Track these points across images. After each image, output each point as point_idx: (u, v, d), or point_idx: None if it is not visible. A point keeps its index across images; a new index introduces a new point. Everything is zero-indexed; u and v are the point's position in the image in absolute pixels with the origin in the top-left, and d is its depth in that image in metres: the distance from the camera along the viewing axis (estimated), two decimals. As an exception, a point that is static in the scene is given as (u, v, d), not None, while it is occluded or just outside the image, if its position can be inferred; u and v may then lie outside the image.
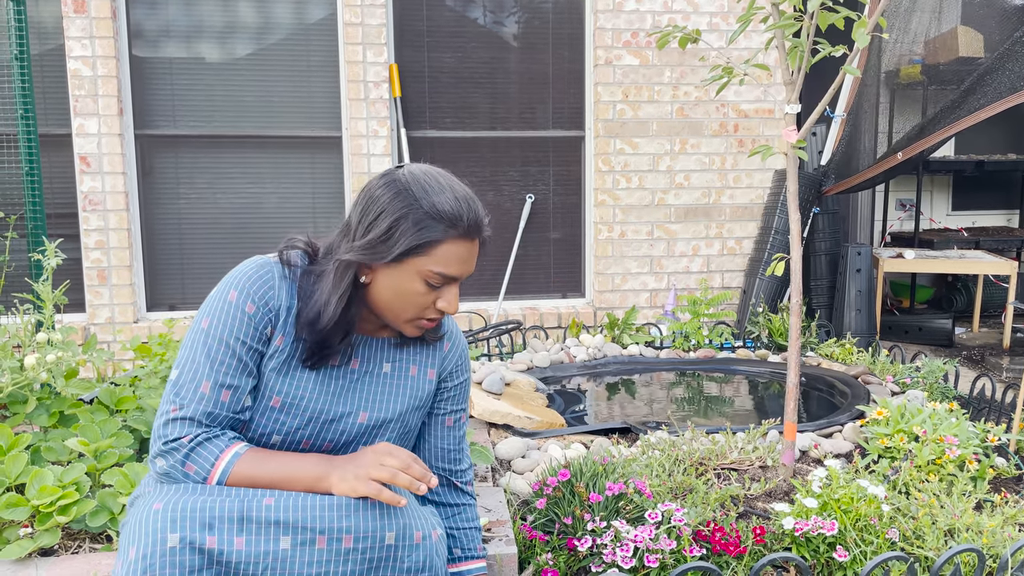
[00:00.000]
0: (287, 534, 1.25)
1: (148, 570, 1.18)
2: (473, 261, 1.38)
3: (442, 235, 1.32)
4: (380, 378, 1.47)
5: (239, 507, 1.24)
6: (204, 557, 1.21)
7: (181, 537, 1.20)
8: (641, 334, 4.19)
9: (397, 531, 1.31)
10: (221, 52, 4.30)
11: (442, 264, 1.34)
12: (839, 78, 2.23)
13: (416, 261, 1.33)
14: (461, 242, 1.34)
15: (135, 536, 1.21)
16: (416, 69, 4.45)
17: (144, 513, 1.23)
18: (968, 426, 2.45)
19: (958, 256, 4.78)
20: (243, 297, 1.35)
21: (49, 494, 1.82)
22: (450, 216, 1.32)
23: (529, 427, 2.81)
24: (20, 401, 2.22)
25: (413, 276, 1.34)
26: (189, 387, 1.33)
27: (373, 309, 1.41)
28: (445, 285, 1.37)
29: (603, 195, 4.56)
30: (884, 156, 4.21)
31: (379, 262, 1.33)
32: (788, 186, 2.31)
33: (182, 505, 1.22)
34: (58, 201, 4.19)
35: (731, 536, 1.89)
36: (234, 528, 1.23)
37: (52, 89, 4.12)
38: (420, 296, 1.36)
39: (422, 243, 1.31)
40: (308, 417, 1.40)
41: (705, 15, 4.51)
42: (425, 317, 1.40)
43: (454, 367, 1.57)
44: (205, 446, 1.31)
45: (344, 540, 1.27)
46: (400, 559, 1.32)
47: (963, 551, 1.73)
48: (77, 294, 4.19)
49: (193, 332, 1.36)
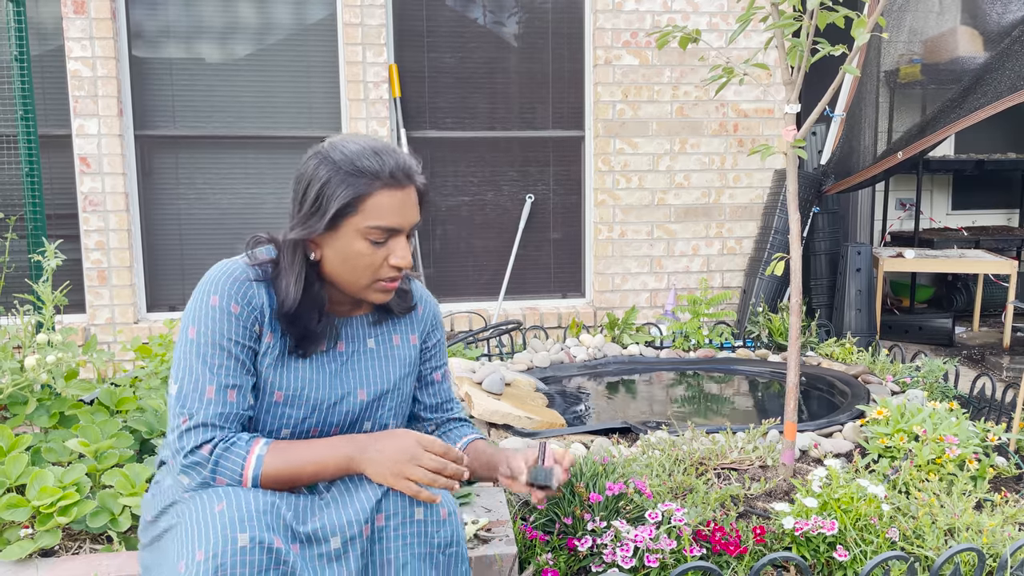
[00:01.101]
0: (335, 534, 1.30)
1: (219, 569, 1.19)
2: (411, 209, 1.39)
3: (367, 188, 1.33)
4: (368, 354, 1.50)
5: (292, 517, 1.29)
6: (272, 557, 1.23)
7: (251, 537, 1.22)
8: (641, 334, 4.19)
9: (424, 506, 1.37)
10: (221, 53, 4.30)
11: (376, 217, 1.34)
12: (839, 77, 2.23)
13: (352, 222, 1.34)
14: (390, 191, 1.35)
15: (200, 538, 1.21)
16: (416, 69, 4.45)
17: (206, 514, 1.24)
18: (968, 425, 2.45)
19: (958, 255, 4.78)
20: (226, 300, 1.35)
21: (49, 495, 1.82)
22: (371, 169, 1.33)
23: (529, 427, 2.81)
24: (20, 402, 2.22)
25: (354, 237, 1.35)
26: (193, 396, 1.33)
27: (333, 284, 1.42)
28: (390, 239, 1.38)
29: (603, 195, 4.56)
30: (884, 155, 4.21)
31: (318, 233, 1.35)
32: (788, 186, 2.31)
33: (245, 506, 1.24)
34: (58, 202, 4.19)
35: (731, 536, 1.89)
36: (289, 535, 1.27)
37: (52, 90, 4.12)
38: (368, 256, 1.37)
39: (350, 201, 1.33)
40: (312, 406, 1.43)
41: (705, 15, 4.51)
42: (382, 278, 1.40)
43: (431, 327, 1.61)
44: (227, 456, 1.31)
45: (377, 519, 1.34)
46: (430, 535, 1.37)
47: (963, 550, 1.74)
48: (77, 295, 4.19)
49: (183, 344, 1.36)
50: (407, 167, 1.37)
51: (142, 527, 1.46)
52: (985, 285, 5.28)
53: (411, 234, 1.42)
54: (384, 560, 1.34)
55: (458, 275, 4.66)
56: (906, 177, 5.61)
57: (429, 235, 4.59)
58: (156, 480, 1.49)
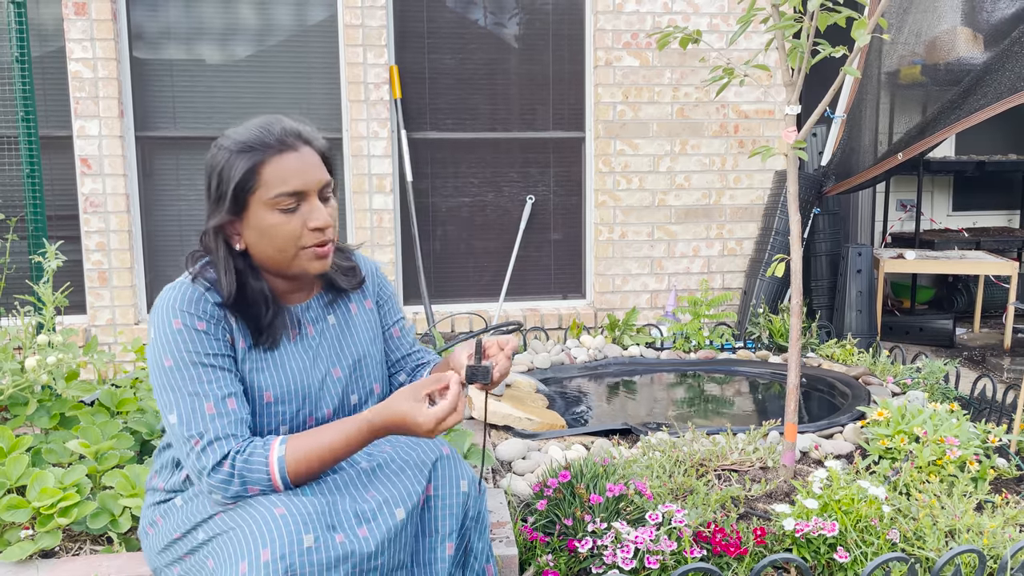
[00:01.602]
0: (399, 506, 1.38)
1: (289, 570, 1.21)
2: (313, 170, 1.39)
3: (259, 158, 1.35)
4: (333, 330, 1.53)
5: (351, 500, 1.36)
6: (337, 553, 1.26)
7: (315, 537, 1.25)
8: (642, 335, 4.19)
9: (468, 479, 1.49)
10: (222, 54, 4.31)
11: (277, 184, 1.35)
12: (839, 79, 2.23)
13: (256, 197, 1.36)
14: (281, 156, 1.36)
15: (265, 538, 1.23)
16: (416, 70, 4.45)
17: (266, 518, 1.26)
18: (969, 427, 2.45)
19: (959, 257, 4.78)
20: (188, 319, 1.35)
21: (50, 496, 1.82)
22: (259, 141, 1.35)
23: (530, 428, 2.81)
24: (21, 403, 2.22)
25: (264, 212, 1.36)
26: (195, 417, 1.33)
27: (267, 269, 1.43)
28: (301, 204, 1.38)
29: (603, 196, 4.56)
30: (885, 156, 4.21)
31: (228, 215, 1.36)
32: (788, 187, 2.31)
33: (305, 507, 1.28)
34: (59, 203, 4.20)
35: (732, 537, 1.89)
36: (353, 521, 1.33)
37: (53, 91, 4.13)
38: (284, 226, 1.37)
39: (246, 175, 1.34)
40: (302, 396, 1.45)
41: (705, 16, 4.51)
42: (307, 245, 1.39)
43: (378, 285, 1.65)
44: (249, 467, 1.31)
45: (427, 489, 1.45)
46: (468, 507, 1.49)
47: (964, 552, 1.73)
48: (78, 296, 4.19)
49: (162, 375, 1.35)
50: (295, 130, 1.39)
51: (161, 547, 1.45)
52: (986, 286, 5.28)
53: (327, 195, 1.42)
54: (432, 528, 1.44)
55: (459, 276, 4.67)
56: (907, 178, 5.60)
57: (429, 236, 4.59)
58: (165, 501, 1.48)
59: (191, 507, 1.40)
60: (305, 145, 1.39)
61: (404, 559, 1.39)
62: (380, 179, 4.37)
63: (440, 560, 1.43)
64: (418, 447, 1.50)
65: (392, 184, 4.40)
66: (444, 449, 1.51)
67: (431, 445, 1.50)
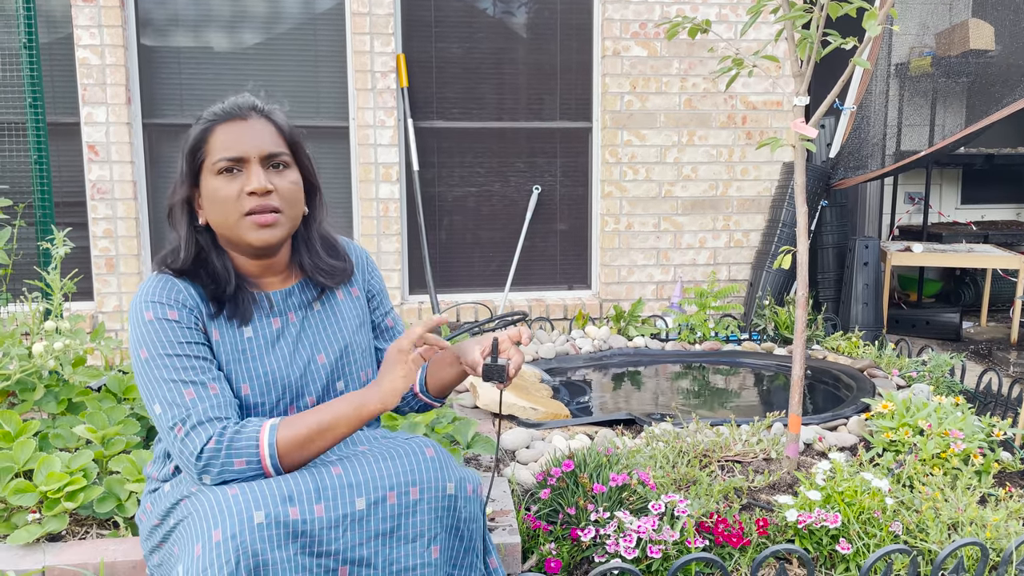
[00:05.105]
0: (361, 495, 1.32)
1: (239, 548, 1.20)
2: (256, 137, 1.42)
3: (207, 128, 1.42)
4: (317, 316, 1.53)
5: (312, 478, 1.30)
6: (289, 529, 1.25)
7: (266, 513, 1.24)
8: (647, 326, 4.19)
9: (456, 482, 1.41)
10: (229, 41, 4.30)
11: (219, 151, 1.41)
12: (848, 70, 2.21)
13: (205, 166, 1.42)
14: (226, 125, 1.42)
15: (216, 519, 1.22)
16: (423, 59, 4.44)
17: (220, 498, 1.25)
18: (973, 420, 2.44)
19: (966, 250, 4.76)
20: (160, 310, 1.37)
21: (57, 480, 1.83)
22: (210, 115, 1.43)
23: (534, 418, 2.81)
24: (28, 388, 2.24)
25: (210, 179, 1.42)
26: (176, 405, 1.32)
27: (225, 241, 1.45)
28: (244, 171, 1.41)
29: (610, 187, 4.55)
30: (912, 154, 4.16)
31: (187, 190, 1.44)
32: (796, 179, 2.30)
33: (259, 485, 1.27)
34: (66, 190, 4.21)
35: (734, 528, 1.89)
36: (312, 497, 1.28)
37: (60, 78, 4.13)
38: (224, 190, 1.40)
39: (196, 145, 1.42)
40: (282, 387, 1.44)
41: (714, 6, 4.49)
42: (244, 210, 1.40)
43: (368, 273, 1.65)
44: (237, 439, 1.31)
45: (411, 492, 1.36)
46: (458, 509, 1.42)
47: (966, 545, 1.74)
48: (85, 282, 4.21)
49: (141, 368, 1.36)
50: (246, 102, 1.44)
51: (146, 534, 1.46)
52: (993, 280, 5.26)
53: (281, 169, 1.44)
54: (417, 532, 1.37)
55: (464, 265, 4.67)
56: (915, 171, 5.57)
57: (435, 225, 4.59)
58: (154, 490, 1.49)
59: (174, 493, 1.40)
60: (260, 117, 1.44)
61: (369, 557, 1.33)
62: (386, 168, 4.37)
63: (426, 565, 1.38)
64: (397, 448, 1.43)
65: (398, 173, 4.39)
66: (428, 451, 1.43)
67: (412, 448, 1.43)
